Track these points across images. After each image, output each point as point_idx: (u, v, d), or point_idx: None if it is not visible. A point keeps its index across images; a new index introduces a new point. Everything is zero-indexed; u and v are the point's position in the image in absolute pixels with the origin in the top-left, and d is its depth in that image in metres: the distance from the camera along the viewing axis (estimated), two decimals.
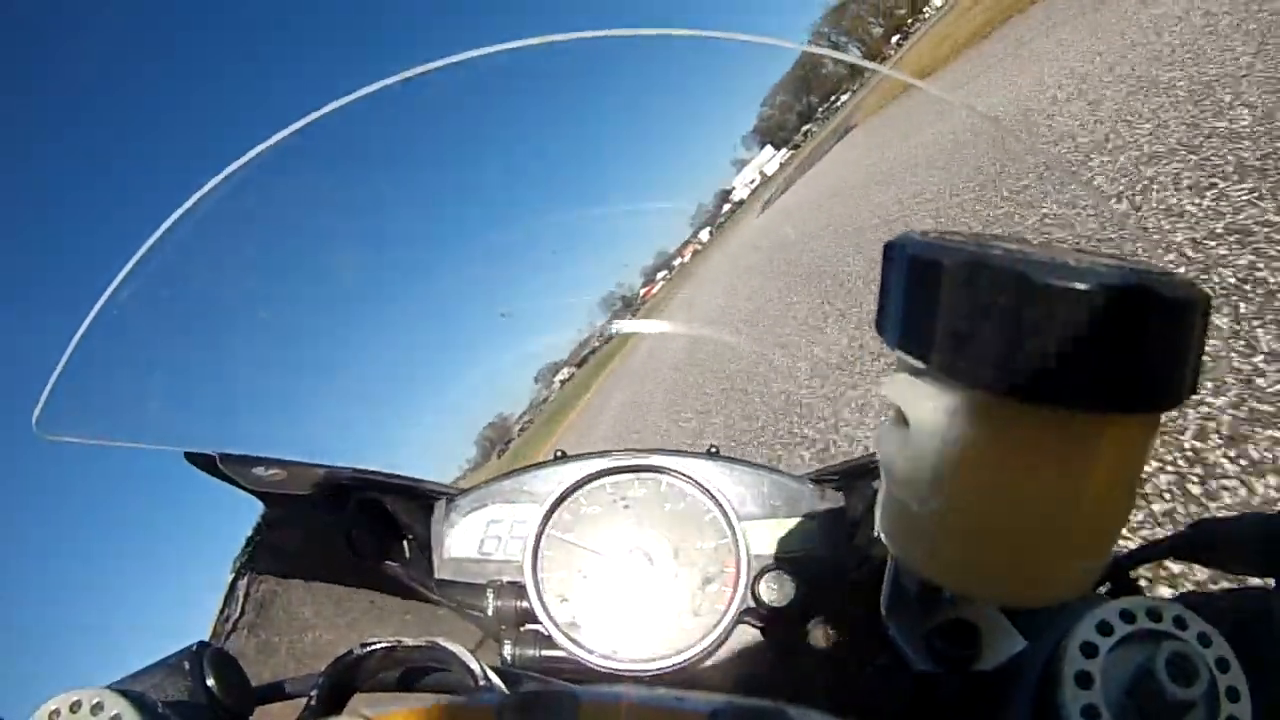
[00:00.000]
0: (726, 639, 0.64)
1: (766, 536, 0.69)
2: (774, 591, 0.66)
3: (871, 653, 0.61)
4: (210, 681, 0.42)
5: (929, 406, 0.24)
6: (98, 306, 0.59)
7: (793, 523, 0.70)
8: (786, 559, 0.67)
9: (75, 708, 0.36)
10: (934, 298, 0.23)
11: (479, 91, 0.69)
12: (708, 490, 0.70)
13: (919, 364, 0.24)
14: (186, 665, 0.42)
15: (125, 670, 0.43)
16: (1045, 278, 0.21)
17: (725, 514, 0.69)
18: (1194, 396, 0.24)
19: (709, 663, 0.64)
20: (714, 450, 0.76)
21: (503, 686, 0.36)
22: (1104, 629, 0.28)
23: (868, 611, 0.40)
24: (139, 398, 0.66)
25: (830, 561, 0.68)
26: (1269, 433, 1.59)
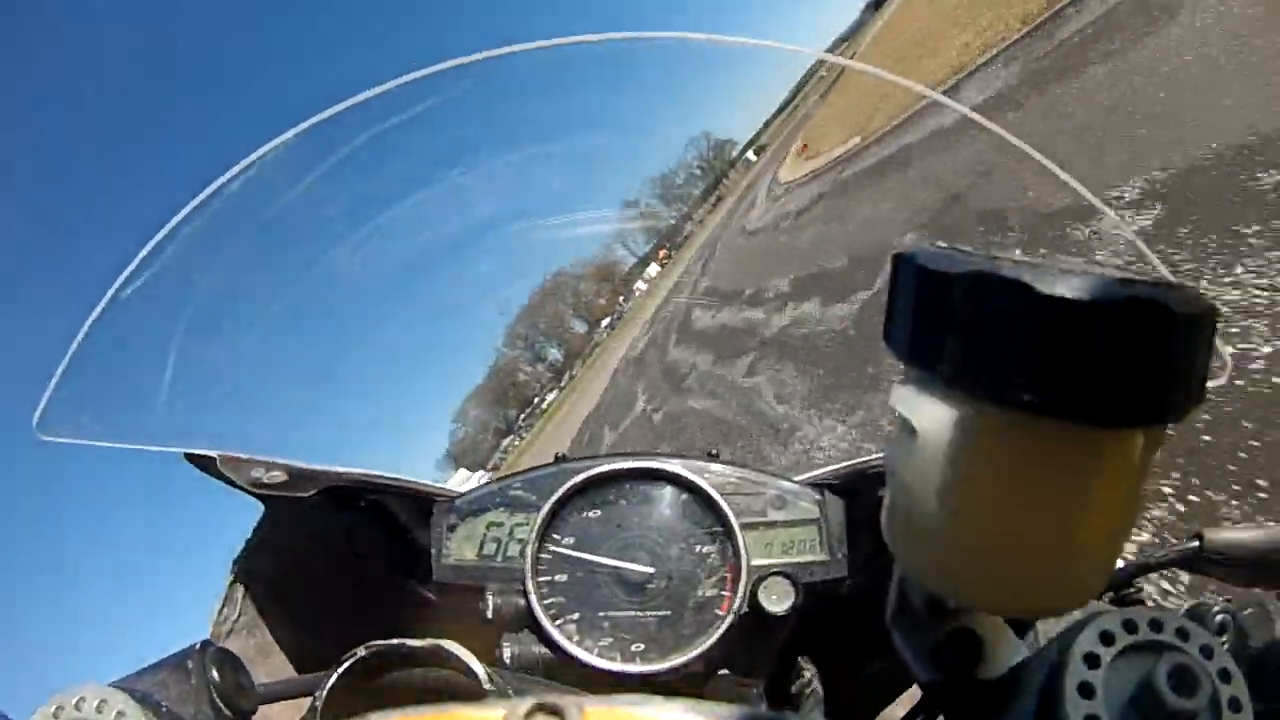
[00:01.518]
0: (725, 645, 0.64)
1: (766, 542, 0.69)
2: (773, 598, 0.65)
3: (870, 660, 0.61)
4: (213, 680, 0.42)
5: (937, 418, 0.24)
6: (99, 308, 0.59)
7: (792, 528, 0.70)
8: (786, 565, 0.67)
9: (80, 704, 0.36)
10: (942, 309, 0.23)
11: (480, 94, 0.69)
12: (707, 495, 0.70)
13: (927, 375, 0.24)
14: (190, 664, 0.42)
15: (129, 668, 0.43)
16: (1053, 290, 0.21)
17: (725, 519, 0.69)
18: None
19: (708, 668, 0.64)
20: (714, 454, 0.76)
21: (507, 690, 0.36)
22: (1106, 639, 0.28)
23: (867, 618, 0.40)
24: (139, 399, 0.66)
25: (830, 568, 0.68)
26: None
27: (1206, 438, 2.11)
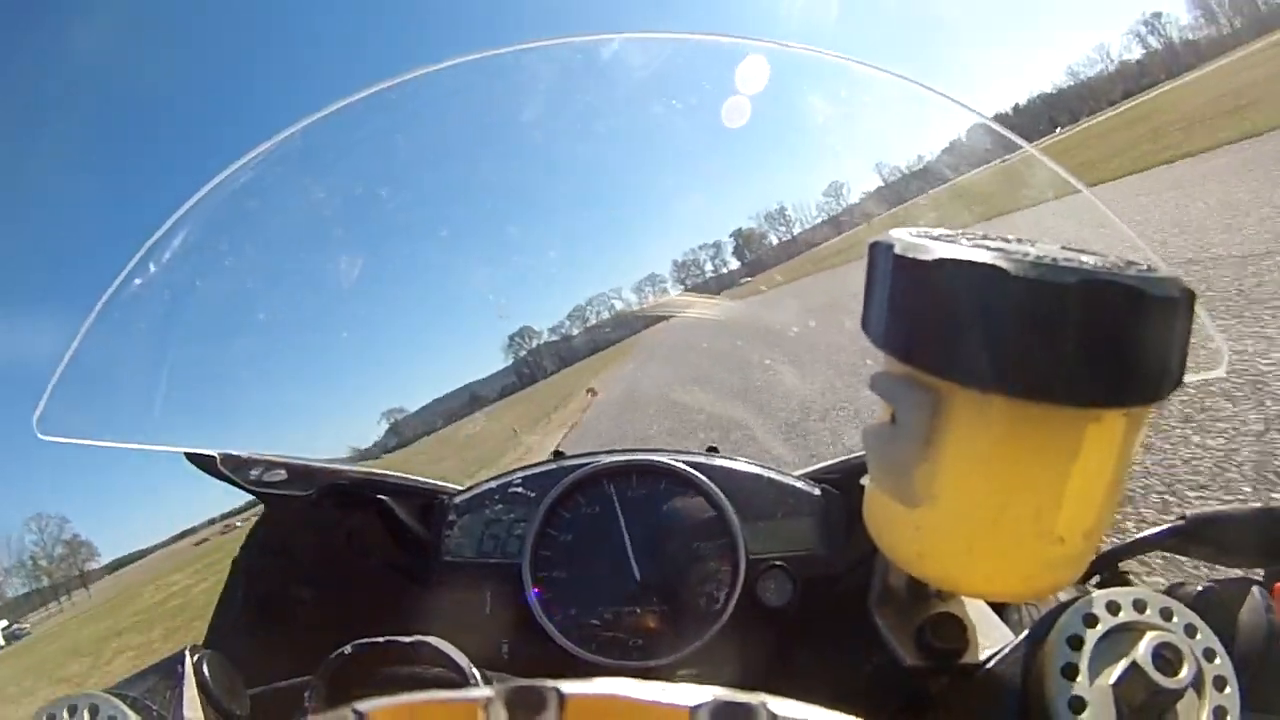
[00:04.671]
0: (724, 638, 0.64)
1: (764, 536, 0.69)
2: (772, 591, 0.66)
3: (869, 651, 0.61)
4: (206, 684, 0.42)
5: (914, 403, 0.24)
6: (99, 307, 0.59)
7: (791, 522, 0.70)
8: (784, 558, 0.67)
9: (72, 711, 0.36)
10: (918, 295, 0.23)
11: (476, 94, 0.69)
12: (706, 490, 0.70)
13: (904, 361, 0.25)
14: (180, 669, 0.42)
15: (121, 674, 0.43)
16: (1029, 273, 0.21)
17: (723, 514, 0.69)
18: None
19: (706, 662, 0.64)
20: (713, 450, 0.76)
21: (490, 682, 0.36)
22: (1090, 621, 0.28)
23: (864, 610, 0.40)
24: (140, 398, 0.66)
25: (827, 561, 0.68)
26: None
27: None
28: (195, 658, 0.43)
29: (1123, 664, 0.27)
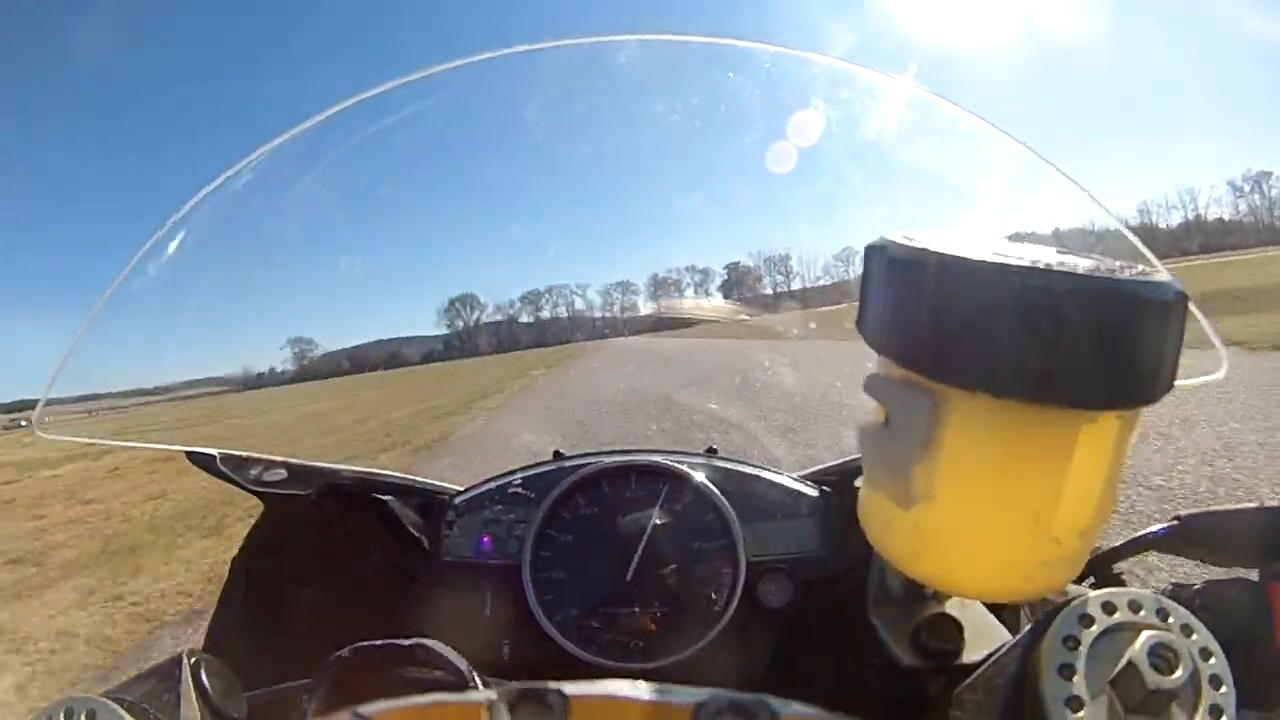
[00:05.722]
0: (724, 639, 0.64)
1: (764, 537, 0.69)
2: (771, 592, 0.66)
3: (868, 652, 0.62)
4: (202, 687, 0.42)
5: (910, 406, 0.25)
6: (98, 307, 0.59)
7: (790, 524, 0.70)
8: (784, 560, 0.68)
9: (69, 715, 0.36)
10: (914, 298, 0.23)
11: (473, 96, 0.69)
12: (706, 491, 0.70)
13: (899, 363, 0.25)
14: (177, 673, 0.42)
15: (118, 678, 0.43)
16: (1024, 278, 0.21)
17: (723, 515, 0.69)
18: None
19: (706, 663, 0.64)
20: (711, 451, 0.76)
21: (490, 684, 0.36)
22: (1086, 621, 0.28)
23: (862, 611, 0.40)
24: (139, 396, 0.66)
25: (827, 562, 0.68)
26: None
27: None
28: (192, 661, 0.43)
29: (1119, 664, 0.27)
